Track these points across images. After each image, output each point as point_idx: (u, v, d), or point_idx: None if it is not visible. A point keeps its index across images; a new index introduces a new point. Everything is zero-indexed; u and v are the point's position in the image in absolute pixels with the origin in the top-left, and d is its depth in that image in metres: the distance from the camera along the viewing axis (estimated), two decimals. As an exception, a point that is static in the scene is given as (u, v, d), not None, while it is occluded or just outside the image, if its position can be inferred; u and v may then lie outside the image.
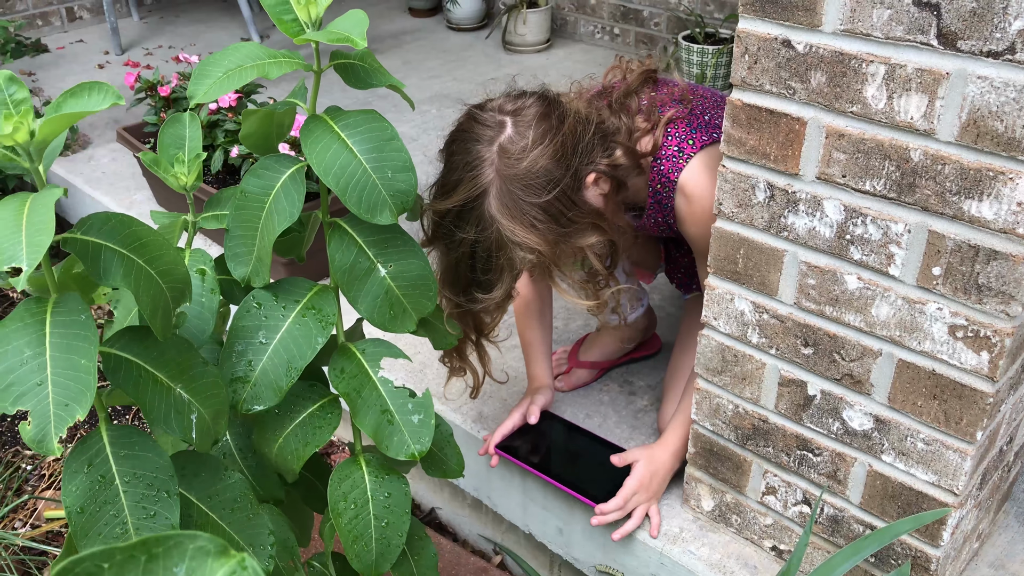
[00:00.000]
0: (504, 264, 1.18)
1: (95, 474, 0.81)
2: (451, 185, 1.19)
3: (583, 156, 1.20)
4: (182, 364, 0.85)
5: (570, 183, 1.18)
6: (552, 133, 1.17)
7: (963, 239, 0.92)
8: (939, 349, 0.98)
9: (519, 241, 1.15)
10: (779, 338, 1.11)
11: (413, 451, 1.00)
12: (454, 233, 1.19)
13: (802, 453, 1.16)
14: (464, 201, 1.17)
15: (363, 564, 1.04)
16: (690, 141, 1.27)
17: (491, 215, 1.16)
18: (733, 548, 1.30)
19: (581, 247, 1.20)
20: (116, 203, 2.32)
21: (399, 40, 3.60)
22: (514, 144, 1.16)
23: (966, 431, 0.99)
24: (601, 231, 1.21)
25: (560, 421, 1.53)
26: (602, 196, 1.24)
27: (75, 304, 0.76)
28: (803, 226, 1.03)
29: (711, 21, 3.10)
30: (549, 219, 1.16)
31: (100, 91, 0.74)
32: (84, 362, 0.73)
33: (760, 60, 0.99)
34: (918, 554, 1.10)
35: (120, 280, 0.75)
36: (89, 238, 0.76)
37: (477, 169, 1.16)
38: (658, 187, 1.30)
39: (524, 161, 1.15)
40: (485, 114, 1.20)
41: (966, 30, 0.84)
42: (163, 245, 0.79)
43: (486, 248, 1.18)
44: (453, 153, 1.20)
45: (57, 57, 3.42)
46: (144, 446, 0.83)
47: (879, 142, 0.94)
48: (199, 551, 0.29)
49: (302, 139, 0.94)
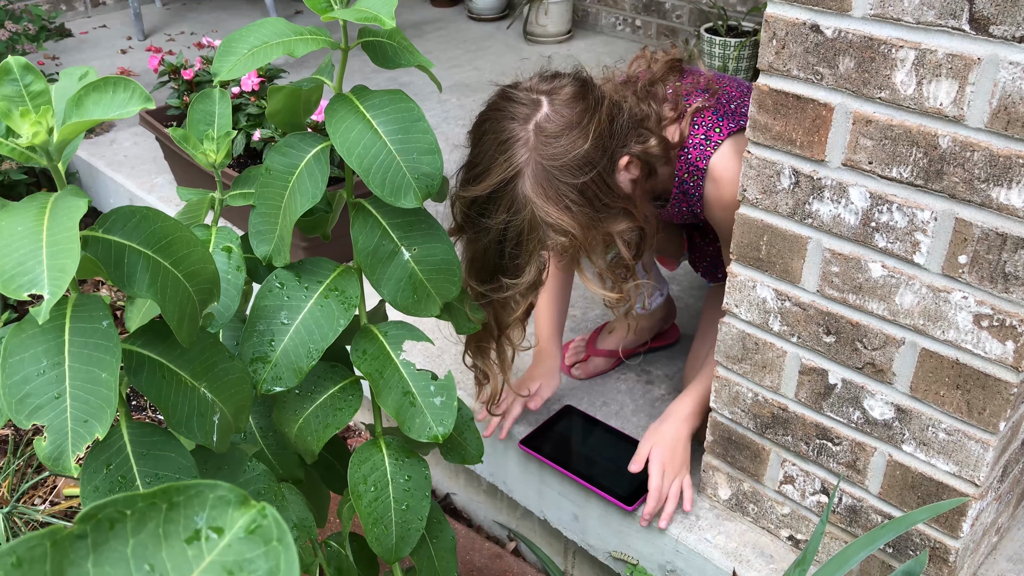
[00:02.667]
0: (534, 247, 1.16)
1: (115, 474, 0.77)
2: (483, 167, 1.16)
3: (618, 139, 1.19)
4: (207, 361, 0.82)
5: (606, 166, 1.16)
6: (590, 114, 1.16)
7: (990, 227, 0.91)
8: (963, 338, 0.97)
9: (552, 222, 1.13)
10: (801, 326, 1.11)
11: (436, 433, 1.00)
12: (483, 219, 1.17)
13: (821, 442, 1.16)
14: (497, 184, 1.14)
15: (383, 547, 1.04)
16: (717, 129, 1.26)
17: (525, 195, 1.13)
18: (749, 537, 1.30)
19: (611, 233, 1.19)
20: (137, 186, 2.33)
21: (420, 30, 3.60)
22: (551, 123, 1.14)
23: (989, 421, 0.98)
24: (632, 218, 1.20)
25: (581, 415, 1.53)
26: (632, 181, 1.23)
27: (96, 308, 0.71)
28: (828, 213, 1.03)
29: (733, 14, 3.08)
30: (585, 201, 1.15)
31: (126, 89, 0.67)
32: (105, 376, 0.68)
33: (788, 45, 0.99)
34: (937, 545, 1.09)
35: (146, 288, 0.70)
36: (112, 237, 0.71)
37: (512, 148, 1.14)
38: (685, 176, 1.29)
39: (561, 140, 1.13)
40: (519, 92, 1.17)
41: (999, 15, 0.83)
42: (190, 242, 0.74)
43: (517, 231, 1.15)
44: (484, 132, 1.18)
45: (80, 42, 3.45)
46: (166, 445, 0.80)
47: (907, 128, 0.93)
48: (220, 500, 0.29)
49: (327, 118, 0.93)
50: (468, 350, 1.35)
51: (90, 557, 0.26)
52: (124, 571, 0.26)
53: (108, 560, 0.26)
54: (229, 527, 0.28)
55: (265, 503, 0.31)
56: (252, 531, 0.28)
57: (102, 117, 0.66)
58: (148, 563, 0.27)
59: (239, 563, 0.27)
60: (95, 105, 0.67)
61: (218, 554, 0.28)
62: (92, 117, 0.66)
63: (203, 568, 0.27)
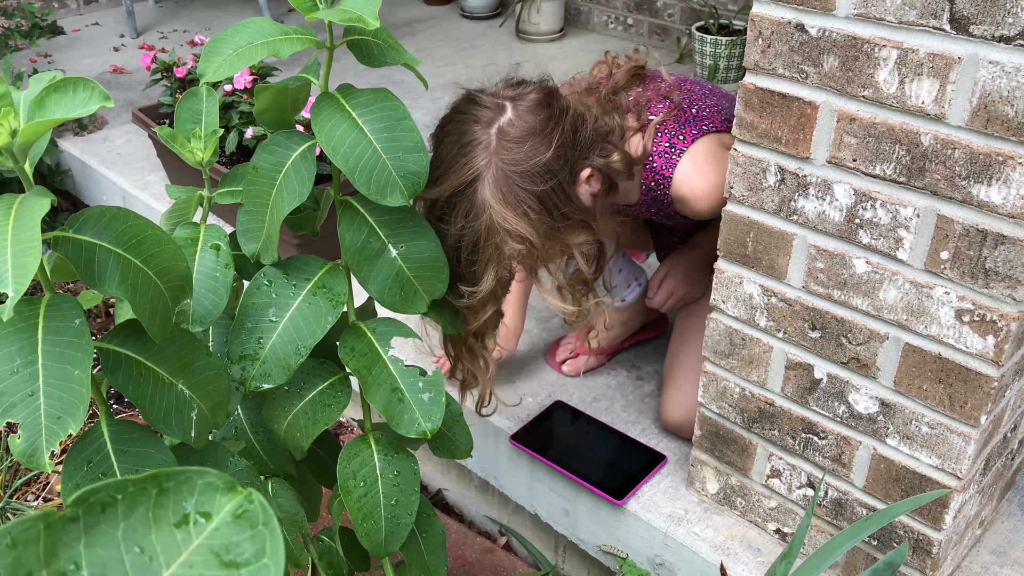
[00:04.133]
0: (492, 254, 1.14)
1: (96, 472, 0.77)
2: (443, 169, 1.14)
3: (581, 151, 1.18)
4: (184, 358, 0.83)
5: (567, 176, 1.16)
6: (553, 122, 1.15)
7: (971, 223, 0.92)
8: (945, 333, 0.98)
9: (510, 229, 1.12)
10: (787, 321, 1.12)
11: (424, 429, 1.01)
12: (441, 224, 1.14)
13: (807, 436, 1.17)
14: (457, 187, 1.13)
15: (372, 543, 1.05)
16: (680, 136, 1.27)
17: (484, 200, 1.12)
18: (737, 530, 1.31)
19: (570, 245, 1.18)
20: (130, 183, 2.34)
21: (412, 28, 3.61)
22: (514, 128, 1.13)
23: (970, 415, 1.00)
24: (591, 231, 1.20)
25: (571, 411, 1.55)
26: (592, 196, 1.23)
27: (69, 307, 0.72)
28: (813, 210, 1.04)
29: (725, 12, 3.09)
30: (543, 210, 1.14)
31: (86, 89, 0.69)
32: (78, 373, 0.69)
33: (773, 44, 1.00)
34: (920, 537, 1.11)
35: (116, 286, 0.71)
36: (82, 237, 0.72)
37: (473, 151, 1.13)
38: (652, 184, 1.29)
39: (523, 146, 1.13)
40: (484, 97, 1.17)
41: (979, 15, 0.85)
42: (161, 240, 0.75)
43: (474, 237, 1.13)
44: (447, 134, 1.17)
45: (73, 39, 3.44)
46: (146, 442, 0.80)
47: (890, 126, 0.95)
48: (208, 486, 0.30)
49: (312, 117, 0.94)
50: (445, 353, 1.33)
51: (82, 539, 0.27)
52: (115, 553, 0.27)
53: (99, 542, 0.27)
54: (217, 512, 0.29)
55: (252, 489, 0.32)
56: (239, 516, 0.29)
57: (64, 117, 0.68)
58: (138, 545, 0.28)
59: (226, 546, 0.28)
60: (56, 105, 0.69)
61: (206, 537, 0.29)
62: (54, 117, 0.68)
63: (191, 551, 0.28)
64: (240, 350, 1.00)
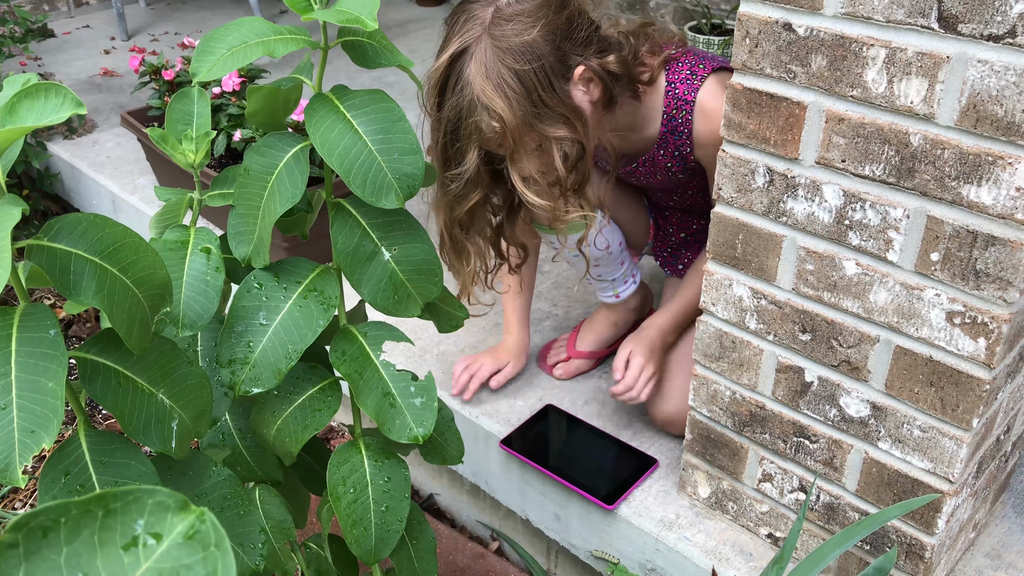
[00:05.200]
0: (472, 131, 1.18)
1: (73, 483, 0.76)
2: (444, 43, 1.20)
3: (575, 46, 1.21)
4: (164, 367, 0.81)
5: (554, 65, 1.19)
6: (548, 8, 1.19)
7: (961, 224, 0.91)
8: (936, 335, 0.97)
9: (487, 103, 1.16)
10: (777, 324, 1.11)
11: (416, 434, 0.99)
12: (439, 112, 1.21)
13: (799, 440, 1.16)
14: (450, 58, 1.18)
15: (362, 549, 1.04)
16: (700, 65, 1.30)
17: (469, 73, 1.17)
18: (729, 535, 1.30)
19: (548, 137, 1.20)
20: (120, 187, 2.32)
21: (405, 29, 3.60)
22: (510, 7, 1.18)
23: (962, 418, 0.99)
24: (572, 128, 1.21)
25: (562, 414, 1.54)
26: (590, 102, 1.24)
27: (44, 317, 0.71)
28: (802, 211, 1.03)
29: (718, 12, 3.08)
30: (522, 91, 1.17)
31: (57, 95, 0.68)
32: (52, 385, 0.67)
33: (761, 43, 0.99)
34: (913, 541, 1.10)
35: (92, 296, 0.70)
36: (57, 245, 0.70)
37: (468, 24, 1.18)
38: (673, 111, 1.32)
39: (512, 23, 1.17)
40: None
41: (967, 13, 0.84)
42: (140, 247, 0.74)
43: (458, 111, 1.18)
44: (454, 13, 1.23)
45: (63, 42, 3.43)
46: (126, 453, 0.79)
47: (879, 126, 0.94)
48: (158, 506, 0.29)
49: (306, 118, 0.93)
50: (441, 250, 1.36)
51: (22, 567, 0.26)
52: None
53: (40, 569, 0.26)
54: (168, 532, 0.28)
55: (204, 508, 0.31)
56: (190, 536, 0.28)
57: (35, 124, 0.66)
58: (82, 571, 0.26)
59: (176, 569, 0.27)
60: (28, 112, 0.67)
61: (155, 560, 0.27)
62: (25, 124, 0.66)
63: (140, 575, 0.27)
64: (229, 354, 0.99)
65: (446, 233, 1.33)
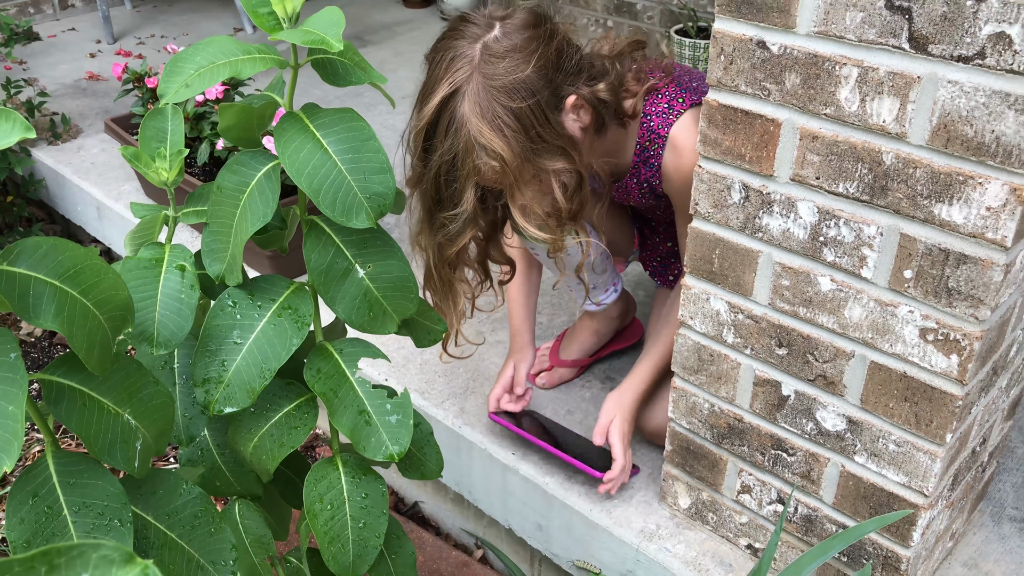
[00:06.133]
0: (470, 171, 1.16)
1: (41, 505, 0.76)
2: (431, 84, 1.18)
3: (566, 76, 1.20)
4: (131, 387, 0.81)
5: (548, 98, 1.18)
6: (538, 42, 1.18)
7: (934, 242, 0.92)
8: (910, 352, 0.98)
9: (485, 143, 1.14)
10: (754, 338, 1.12)
11: (391, 452, 0.99)
12: (429, 155, 1.18)
13: (776, 453, 1.16)
14: (441, 101, 1.15)
15: (340, 566, 1.04)
16: (679, 99, 1.29)
17: (463, 113, 1.15)
18: (709, 546, 1.31)
19: (547, 171, 1.19)
20: (104, 194, 2.32)
21: (392, 31, 3.59)
22: (498, 44, 1.16)
23: (936, 433, 1.00)
24: (569, 159, 1.20)
25: (546, 421, 1.54)
26: (580, 128, 1.24)
27: (4, 341, 0.70)
28: (777, 227, 1.03)
29: (704, 15, 3.09)
30: (519, 128, 1.16)
31: (7, 120, 0.68)
32: (12, 408, 0.67)
33: (736, 61, 0.99)
34: (889, 554, 1.10)
35: (52, 319, 0.70)
36: (16, 269, 0.70)
37: (457, 64, 1.16)
38: (646, 143, 1.31)
39: (504, 61, 1.15)
40: (475, 16, 1.21)
41: (937, 34, 0.84)
42: (100, 270, 0.74)
43: (453, 153, 1.16)
44: (437, 51, 1.20)
45: (48, 45, 3.41)
46: (93, 473, 0.79)
47: (852, 144, 0.94)
48: (103, 560, 0.29)
49: (276, 138, 0.92)
50: (426, 289, 1.35)
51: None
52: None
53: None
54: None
55: (149, 562, 0.31)
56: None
57: None
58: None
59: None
60: None
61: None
62: None
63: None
64: (204, 373, 0.98)
65: (435, 273, 1.30)
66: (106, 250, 2.51)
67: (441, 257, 1.26)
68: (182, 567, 0.88)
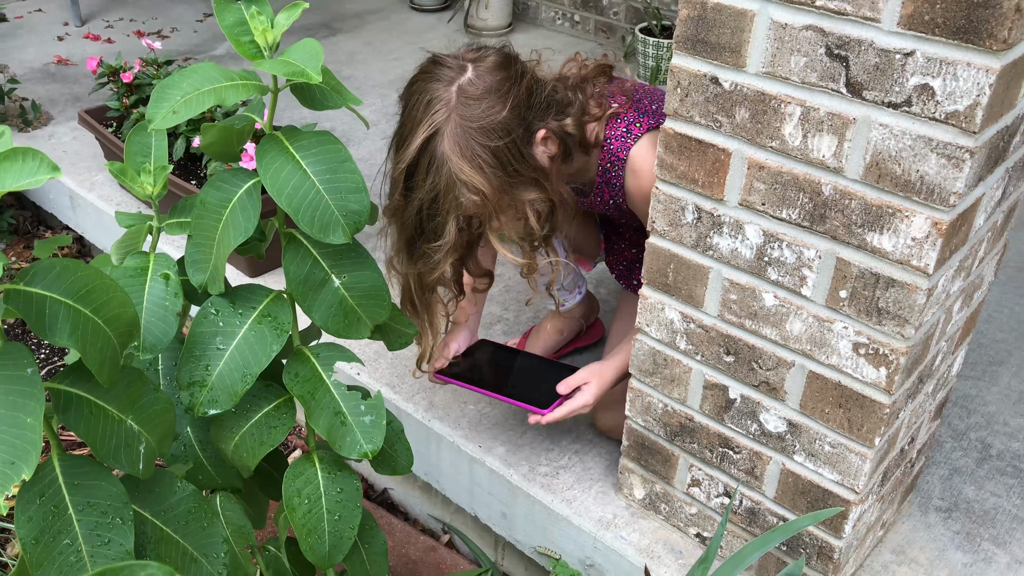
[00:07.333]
0: (451, 205, 1.23)
1: (48, 504, 0.82)
2: (409, 127, 1.24)
3: (537, 112, 1.27)
4: (133, 395, 0.87)
5: (521, 135, 1.25)
6: (510, 83, 1.24)
7: (866, 267, 1.01)
8: (844, 363, 1.07)
9: (466, 180, 1.21)
10: (704, 346, 1.20)
11: (365, 451, 1.06)
12: (411, 192, 1.24)
13: (723, 450, 1.26)
14: (421, 144, 1.21)
15: (316, 556, 1.11)
16: (637, 124, 1.36)
17: (443, 153, 1.21)
18: (661, 534, 1.40)
19: (523, 201, 1.27)
20: (77, 184, 2.34)
21: (362, 20, 3.62)
22: (473, 87, 1.22)
23: (866, 437, 1.09)
24: (543, 189, 1.28)
25: (496, 346, 1.57)
26: (548, 158, 1.31)
27: (21, 356, 0.76)
28: (726, 246, 1.12)
29: (668, 14, 3.16)
30: (498, 164, 1.23)
31: (35, 159, 0.72)
32: (30, 420, 0.72)
33: (691, 94, 1.07)
34: (823, 544, 1.21)
35: (68, 337, 0.75)
36: (33, 290, 0.75)
37: (435, 107, 1.22)
38: (608, 165, 1.39)
39: (481, 104, 1.22)
40: (448, 59, 1.26)
41: (870, 82, 0.93)
42: (109, 288, 0.79)
43: (435, 191, 1.22)
44: (412, 94, 1.26)
45: (15, 27, 3.39)
46: (97, 475, 0.85)
47: (795, 175, 1.03)
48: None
49: (257, 159, 0.98)
50: (404, 310, 1.40)
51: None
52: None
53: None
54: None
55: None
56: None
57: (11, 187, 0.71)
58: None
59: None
60: (6, 174, 0.72)
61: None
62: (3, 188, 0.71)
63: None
64: (189, 377, 1.05)
65: (416, 299, 1.36)
66: (78, 237, 2.53)
67: (422, 285, 1.32)
68: (177, 560, 0.95)
